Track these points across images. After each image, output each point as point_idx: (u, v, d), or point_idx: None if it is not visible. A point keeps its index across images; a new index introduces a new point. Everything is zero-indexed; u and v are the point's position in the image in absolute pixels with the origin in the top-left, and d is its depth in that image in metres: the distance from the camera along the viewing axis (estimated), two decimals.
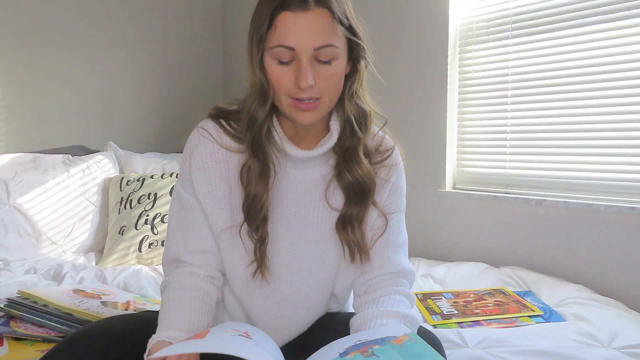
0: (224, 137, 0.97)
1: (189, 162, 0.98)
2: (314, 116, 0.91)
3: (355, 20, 0.92)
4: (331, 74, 0.89)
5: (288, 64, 0.88)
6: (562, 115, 1.78)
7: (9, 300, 1.23)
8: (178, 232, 1.00)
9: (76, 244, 2.14)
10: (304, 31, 0.86)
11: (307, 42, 0.86)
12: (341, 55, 0.90)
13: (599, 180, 1.69)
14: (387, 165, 1.02)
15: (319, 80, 0.88)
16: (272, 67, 0.89)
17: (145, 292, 1.62)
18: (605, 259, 1.65)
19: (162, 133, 2.82)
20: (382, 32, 2.23)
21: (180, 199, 1.01)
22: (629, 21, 1.61)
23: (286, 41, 0.86)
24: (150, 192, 2.15)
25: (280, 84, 0.89)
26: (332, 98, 0.93)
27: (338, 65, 0.90)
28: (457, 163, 2.11)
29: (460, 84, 2.07)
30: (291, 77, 0.88)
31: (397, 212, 1.05)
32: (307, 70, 0.86)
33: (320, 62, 0.88)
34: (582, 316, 1.35)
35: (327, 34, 0.87)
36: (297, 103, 0.89)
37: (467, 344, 1.19)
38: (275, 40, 0.87)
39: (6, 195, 2.05)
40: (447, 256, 2.03)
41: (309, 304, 1.02)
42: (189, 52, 2.91)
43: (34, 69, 2.44)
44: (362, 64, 0.95)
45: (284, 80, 0.88)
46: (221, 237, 0.98)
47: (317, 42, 0.86)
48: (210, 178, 0.97)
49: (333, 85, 0.91)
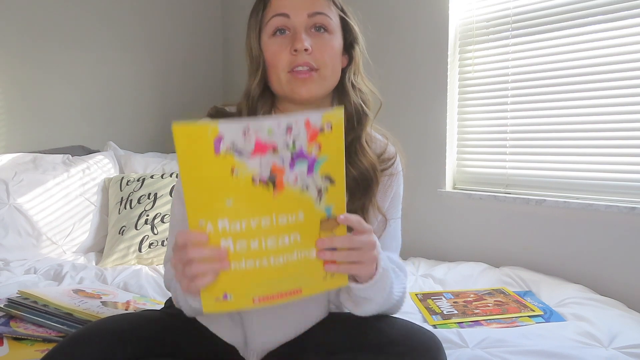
0: None
1: None
2: (315, 88, 0.92)
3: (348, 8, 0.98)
4: (326, 44, 0.93)
5: (284, 33, 0.92)
6: (562, 115, 1.78)
7: (9, 300, 1.23)
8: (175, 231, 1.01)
9: (76, 244, 2.14)
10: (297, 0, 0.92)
11: (301, 7, 0.91)
12: (336, 30, 0.95)
13: (599, 180, 1.69)
14: (388, 174, 1.03)
15: (315, 48, 0.91)
16: (269, 43, 0.93)
17: (145, 292, 1.62)
18: (605, 259, 1.65)
19: (162, 133, 2.81)
20: (382, 32, 2.24)
21: (181, 196, 1.01)
22: (629, 21, 1.61)
23: (280, 9, 0.92)
24: (150, 192, 2.15)
25: (279, 58, 0.92)
26: (331, 73, 0.95)
27: (334, 39, 0.94)
28: (457, 163, 2.11)
29: (460, 84, 2.07)
30: (287, 47, 0.91)
31: (395, 218, 1.06)
32: (301, 34, 0.91)
33: (315, 31, 0.92)
34: (582, 316, 1.35)
35: (321, 3, 0.93)
36: (296, 74, 0.91)
37: (467, 344, 1.19)
38: (270, 12, 0.92)
39: (6, 195, 2.05)
40: (447, 256, 2.03)
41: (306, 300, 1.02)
42: (189, 53, 2.91)
43: (34, 69, 2.44)
44: (357, 51, 0.98)
45: (280, 54, 0.92)
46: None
47: (310, 8, 0.91)
48: None
49: (331, 57, 0.93)
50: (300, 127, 0.71)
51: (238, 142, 0.68)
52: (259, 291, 0.76)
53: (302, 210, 0.74)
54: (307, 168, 0.72)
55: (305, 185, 0.73)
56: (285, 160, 0.71)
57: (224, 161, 0.68)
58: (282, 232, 0.73)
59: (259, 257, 0.74)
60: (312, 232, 0.75)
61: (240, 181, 0.70)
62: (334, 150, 0.73)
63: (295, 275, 0.76)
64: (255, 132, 0.69)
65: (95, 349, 0.85)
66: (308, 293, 0.78)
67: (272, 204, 0.72)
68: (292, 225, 0.74)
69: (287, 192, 0.72)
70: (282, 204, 0.72)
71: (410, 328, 0.93)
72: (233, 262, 0.72)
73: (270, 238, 0.73)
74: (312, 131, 0.71)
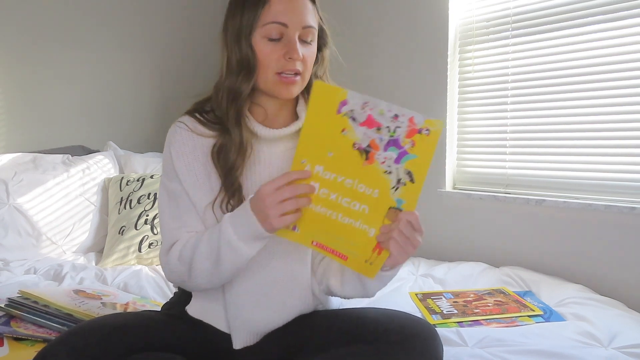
0: (198, 126, 1.04)
1: (169, 153, 1.04)
2: (296, 90, 1.01)
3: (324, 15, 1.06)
4: (311, 53, 1.01)
5: (277, 41, 0.97)
6: (561, 115, 1.78)
7: (9, 300, 1.23)
8: (171, 221, 1.03)
9: (76, 244, 2.14)
10: (296, 11, 0.97)
11: (299, 20, 0.97)
12: (315, 38, 1.02)
13: (599, 180, 1.69)
14: None
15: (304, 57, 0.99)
16: (261, 44, 0.98)
17: (146, 292, 1.62)
18: (605, 259, 1.65)
19: (162, 133, 2.76)
20: (382, 32, 2.23)
21: (167, 190, 1.05)
22: (629, 21, 1.61)
23: (280, 18, 0.96)
24: (150, 192, 2.15)
25: (270, 60, 0.98)
26: (307, 77, 1.03)
27: (314, 46, 1.02)
28: (457, 163, 2.11)
29: (460, 84, 2.08)
30: (279, 52, 0.97)
31: None
32: (297, 44, 0.97)
33: (302, 41, 0.99)
34: (582, 316, 1.35)
35: (311, 15, 0.99)
36: (283, 78, 0.98)
37: (466, 344, 1.20)
38: (269, 17, 0.96)
39: (6, 195, 2.05)
40: (447, 256, 2.04)
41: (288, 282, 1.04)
42: (189, 53, 2.90)
43: (34, 69, 2.44)
44: (327, 52, 1.07)
45: (272, 56, 0.97)
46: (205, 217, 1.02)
47: (305, 22, 0.98)
48: (190, 164, 1.02)
49: (312, 63, 1.02)
50: (404, 120, 0.84)
51: (356, 110, 0.84)
52: (319, 237, 0.90)
53: (379, 189, 0.86)
54: (396, 156, 0.85)
55: (389, 169, 0.85)
56: (383, 140, 0.84)
57: (340, 120, 0.84)
58: (356, 198, 0.86)
59: (331, 209, 0.88)
60: (379, 212, 0.87)
61: (345, 141, 0.85)
62: (425, 153, 0.85)
63: (350, 241, 0.88)
64: (371, 108, 0.84)
65: (93, 340, 0.87)
66: (349, 265, 0.90)
67: (359, 171, 0.85)
68: (366, 197, 0.86)
69: (374, 167, 0.85)
70: (366, 174, 0.85)
71: (406, 318, 0.97)
72: (312, 203, 0.87)
73: (346, 198, 0.86)
74: (412, 129, 0.84)
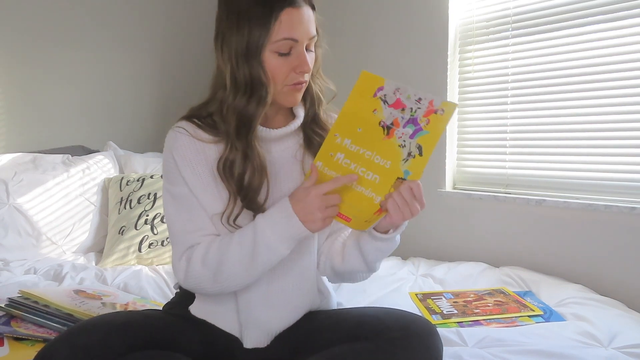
0: (198, 130, 1.04)
1: (172, 158, 1.03)
2: (301, 96, 1.05)
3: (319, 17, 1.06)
4: (313, 59, 1.03)
5: (286, 55, 0.98)
6: (561, 115, 1.78)
7: (10, 300, 1.23)
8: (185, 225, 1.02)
9: (76, 244, 2.14)
10: (304, 24, 0.97)
11: (306, 33, 0.98)
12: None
13: (599, 180, 1.69)
14: None
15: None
16: (271, 60, 0.98)
17: (146, 292, 1.62)
18: (605, 259, 1.65)
19: (162, 133, 2.76)
20: (382, 32, 2.23)
21: (174, 196, 1.03)
22: (629, 21, 1.61)
23: (292, 34, 0.96)
24: (150, 192, 2.15)
25: (279, 74, 0.98)
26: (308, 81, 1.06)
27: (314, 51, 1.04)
28: (457, 163, 2.11)
29: (460, 84, 2.08)
30: (289, 66, 0.98)
31: None
32: (306, 56, 0.99)
33: (307, 50, 1.00)
34: (582, 316, 1.35)
35: (313, 24, 1.00)
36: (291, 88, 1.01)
37: (466, 343, 1.20)
38: (281, 33, 0.96)
39: (6, 195, 2.05)
40: (447, 256, 2.03)
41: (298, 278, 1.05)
42: (189, 52, 2.90)
43: (34, 69, 2.44)
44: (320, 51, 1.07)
45: (282, 70, 0.98)
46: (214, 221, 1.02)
47: (311, 33, 0.99)
48: (194, 167, 1.02)
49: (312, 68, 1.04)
50: (425, 102, 0.93)
51: (388, 94, 0.93)
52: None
53: (392, 161, 0.94)
54: (412, 132, 0.94)
55: (404, 143, 0.94)
56: (404, 119, 0.93)
57: (374, 102, 0.94)
58: (371, 168, 0.94)
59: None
60: (387, 182, 0.95)
61: (374, 119, 0.94)
62: (436, 130, 0.93)
63: (356, 206, 0.96)
64: (401, 93, 0.93)
65: (95, 338, 0.87)
66: (352, 226, 0.98)
67: (379, 144, 0.94)
68: (380, 168, 0.95)
69: (391, 141, 0.94)
70: (383, 147, 0.94)
71: (406, 316, 0.98)
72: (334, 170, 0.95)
73: (362, 168, 0.95)
74: (430, 109, 0.92)
